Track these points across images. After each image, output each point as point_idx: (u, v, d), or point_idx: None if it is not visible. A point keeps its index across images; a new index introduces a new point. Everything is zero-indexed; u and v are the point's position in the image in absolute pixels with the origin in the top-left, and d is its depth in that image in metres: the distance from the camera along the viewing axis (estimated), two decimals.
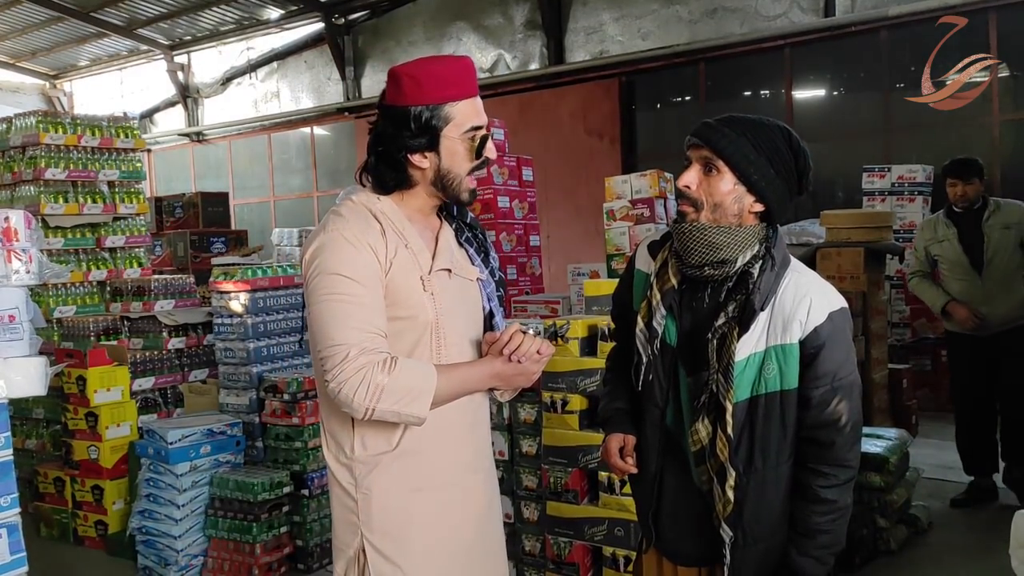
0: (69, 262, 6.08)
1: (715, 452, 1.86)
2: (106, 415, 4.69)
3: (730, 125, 1.86)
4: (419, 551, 1.84)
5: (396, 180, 1.87)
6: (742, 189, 1.85)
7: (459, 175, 1.86)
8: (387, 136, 1.84)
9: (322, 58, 13.04)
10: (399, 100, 1.82)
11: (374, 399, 1.69)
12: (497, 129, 6.62)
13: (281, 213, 14.06)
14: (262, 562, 4.19)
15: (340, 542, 1.89)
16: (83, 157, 6.18)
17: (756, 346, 1.85)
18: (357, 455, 1.84)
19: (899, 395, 6.27)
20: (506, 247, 6.50)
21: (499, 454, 3.72)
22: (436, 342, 1.86)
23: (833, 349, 1.84)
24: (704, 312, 1.90)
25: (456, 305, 1.90)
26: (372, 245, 1.79)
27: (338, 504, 1.89)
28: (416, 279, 1.83)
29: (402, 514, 1.84)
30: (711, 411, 1.87)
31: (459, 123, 1.83)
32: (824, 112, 9.50)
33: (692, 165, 1.89)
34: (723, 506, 1.86)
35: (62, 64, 15.93)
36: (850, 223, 6.51)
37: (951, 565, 4.07)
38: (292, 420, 4.39)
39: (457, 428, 1.90)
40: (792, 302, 1.84)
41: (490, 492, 2.01)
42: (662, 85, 10.41)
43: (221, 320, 4.79)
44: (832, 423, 1.85)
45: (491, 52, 11.26)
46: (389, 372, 1.70)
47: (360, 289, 1.75)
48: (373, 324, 1.75)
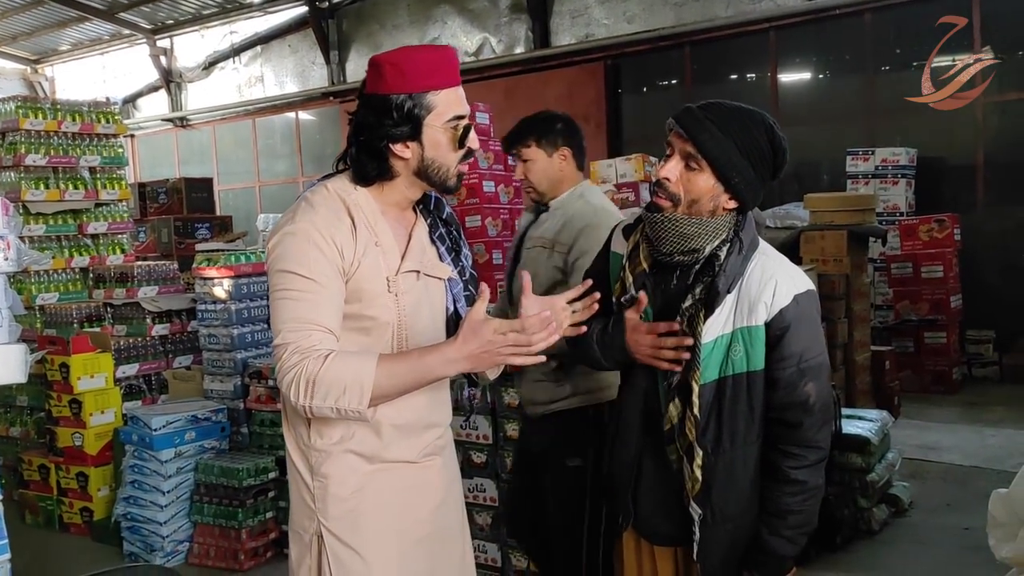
0: (51, 249, 6.04)
1: (684, 431, 1.88)
2: (90, 402, 4.68)
3: (716, 120, 1.84)
4: (376, 535, 1.84)
5: (378, 170, 1.83)
6: (720, 188, 1.86)
7: (444, 164, 1.84)
8: (368, 125, 1.81)
9: (306, 42, 12.94)
10: (380, 88, 1.79)
11: (307, 396, 1.67)
12: (482, 114, 6.59)
13: (266, 198, 13.98)
14: (248, 547, 4.20)
15: (297, 526, 1.89)
16: (64, 143, 6.12)
17: (724, 328, 1.87)
18: (314, 443, 1.84)
19: (881, 377, 6.34)
20: (492, 232, 6.49)
21: (483, 438, 3.73)
22: (398, 343, 1.84)
23: (799, 331, 1.86)
24: (673, 294, 1.93)
25: (421, 307, 1.88)
26: (339, 241, 1.76)
27: (296, 489, 1.89)
28: (382, 279, 1.81)
29: (358, 499, 1.83)
30: (680, 392, 1.89)
31: (441, 112, 1.80)
32: (809, 95, 9.52)
33: (673, 156, 1.88)
34: (692, 484, 1.89)
35: (43, 49, 15.76)
36: (834, 206, 6.55)
37: (931, 544, 4.12)
38: (277, 406, 4.39)
39: (415, 414, 1.88)
40: (758, 284, 1.86)
41: (449, 476, 2.00)
42: (648, 69, 10.39)
43: (205, 306, 4.78)
44: (800, 404, 1.87)
45: (476, 36, 11.20)
46: (321, 366, 1.67)
47: (310, 285, 1.72)
48: (317, 319, 1.72)
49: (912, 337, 7.46)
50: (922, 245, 7.61)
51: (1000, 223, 8.13)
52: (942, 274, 7.45)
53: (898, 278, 7.66)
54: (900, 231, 7.74)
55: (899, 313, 7.59)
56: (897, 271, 7.67)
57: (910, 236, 7.68)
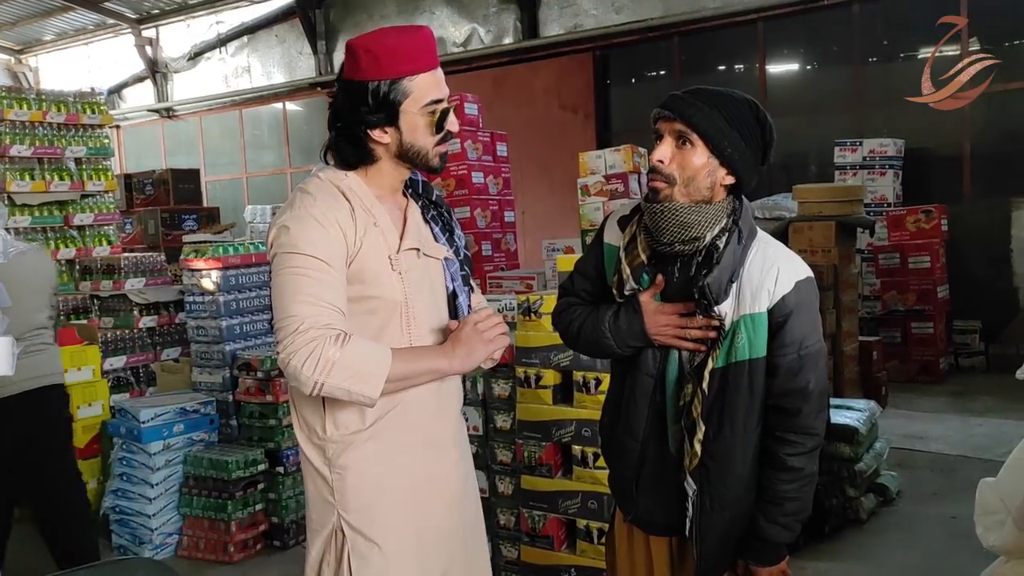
0: (37, 240, 5.99)
1: (689, 409, 1.89)
2: (77, 395, 4.64)
3: (701, 98, 1.86)
4: (396, 528, 1.84)
5: (357, 156, 1.84)
6: (715, 162, 1.85)
7: (423, 148, 1.84)
8: (345, 112, 1.81)
9: (293, 32, 12.86)
10: (356, 75, 1.79)
11: (324, 373, 1.67)
12: (471, 104, 6.58)
13: (254, 190, 13.91)
14: (237, 540, 4.20)
15: (315, 523, 1.88)
16: (49, 133, 6.07)
17: (729, 317, 1.87)
18: (329, 435, 1.82)
19: (869, 367, 6.37)
20: (481, 223, 6.48)
21: (473, 429, 3.73)
22: (406, 322, 1.84)
23: (800, 317, 1.86)
24: (675, 285, 1.92)
25: (423, 285, 1.89)
26: (341, 223, 1.77)
27: (312, 484, 1.88)
28: (385, 259, 1.82)
29: (377, 492, 1.83)
30: (694, 374, 1.90)
31: (418, 97, 1.80)
32: (797, 86, 9.53)
33: (664, 139, 1.88)
34: (690, 460, 1.90)
35: (27, 38, 15.60)
36: (822, 197, 6.57)
37: (919, 533, 4.15)
38: (266, 398, 4.38)
39: (430, 406, 1.89)
40: (760, 272, 1.87)
41: (465, 468, 2.01)
42: (636, 59, 10.38)
43: (193, 298, 4.75)
44: (799, 391, 1.87)
45: (465, 26, 11.15)
46: (342, 347, 1.68)
47: (321, 265, 1.73)
48: (331, 300, 1.73)
49: (899, 327, 7.51)
50: (909, 236, 7.65)
51: (987, 214, 8.17)
52: (929, 265, 7.50)
53: (886, 269, 7.70)
54: (888, 222, 7.78)
55: (887, 303, 7.63)
56: (885, 262, 7.70)
57: (898, 227, 7.72)
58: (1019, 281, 8.04)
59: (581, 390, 3.34)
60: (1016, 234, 8.04)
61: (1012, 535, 2.31)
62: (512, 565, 3.65)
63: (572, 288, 2.13)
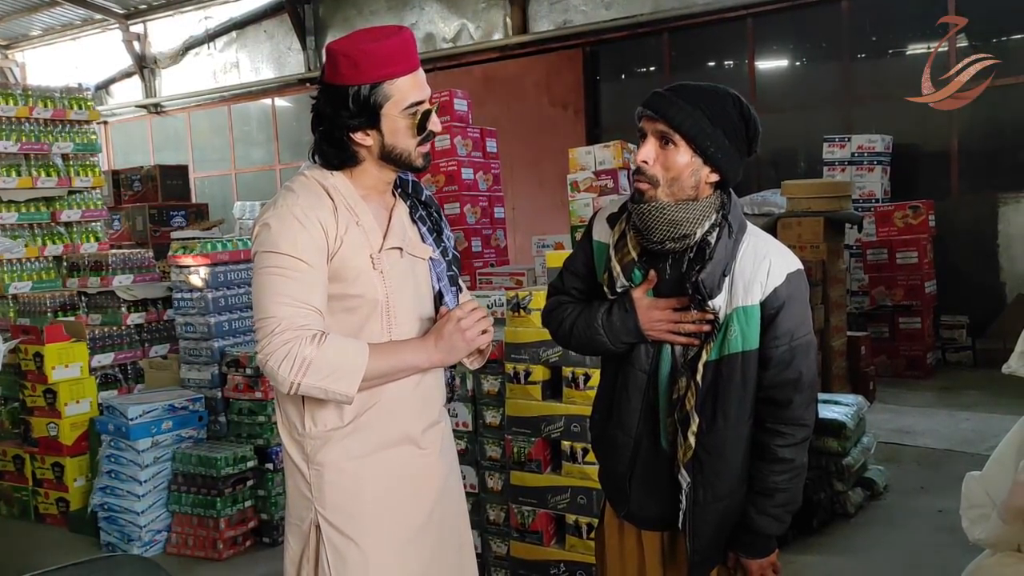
0: (24, 237, 5.96)
1: (683, 403, 1.90)
2: (65, 392, 4.63)
3: (683, 96, 1.85)
4: (374, 524, 1.85)
5: (340, 158, 1.84)
6: (699, 161, 1.85)
7: (405, 149, 1.84)
8: (327, 115, 1.82)
9: (282, 27, 12.81)
10: (337, 79, 1.79)
11: (300, 373, 1.69)
12: (460, 100, 6.57)
13: (243, 186, 13.87)
14: (226, 536, 4.19)
15: (294, 517, 1.89)
16: (36, 129, 6.04)
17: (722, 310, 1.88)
18: (308, 431, 1.84)
19: (857, 362, 6.40)
20: (471, 219, 6.48)
21: (463, 425, 3.74)
22: (387, 321, 1.85)
23: (791, 309, 1.88)
24: (667, 282, 1.93)
25: (406, 284, 1.89)
26: (322, 221, 1.77)
27: (291, 479, 1.89)
28: (366, 257, 1.82)
29: (355, 488, 1.84)
30: (688, 367, 1.91)
31: (398, 100, 1.80)
32: (786, 82, 9.56)
33: (648, 139, 1.88)
34: (684, 452, 1.90)
35: (14, 34, 15.49)
36: (810, 193, 6.59)
37: (906, 527, 4.17)
38: (255, 394, 4.37)
39: (410, 404, 1.89)
40: (752, 265, 1.88)
41: (448, 465, 2.01)
42: (626, 55, 10.39)
43: (181, 295, 4.73)
44: (791, 382, 1.89)
45: (454, 21, 11.13)
46: (317, 346, 1.70)
47: (299, 265, 1.74)
48: (308, 300, 1.74)
49: (887, 323, 7.54)
50: (897, 232, 7.68)
51: (974, 210, 8.21)
52: (917, 260, 7.54)
53: (873, 264, 7.74)
54: (876, 218, 7.81)
55: (874, 299, 7.67)
56: (872, 257, 7.74)
57: (885, 223, 7.75)
58: (1006, 276, 8.09)
59: (570, 386, 3.34)
60: (1003, 230, 8.09)
61: (997, 528, 2.34)
62: (502, 561, 3.65)
63: (563, 286, 2.13)
